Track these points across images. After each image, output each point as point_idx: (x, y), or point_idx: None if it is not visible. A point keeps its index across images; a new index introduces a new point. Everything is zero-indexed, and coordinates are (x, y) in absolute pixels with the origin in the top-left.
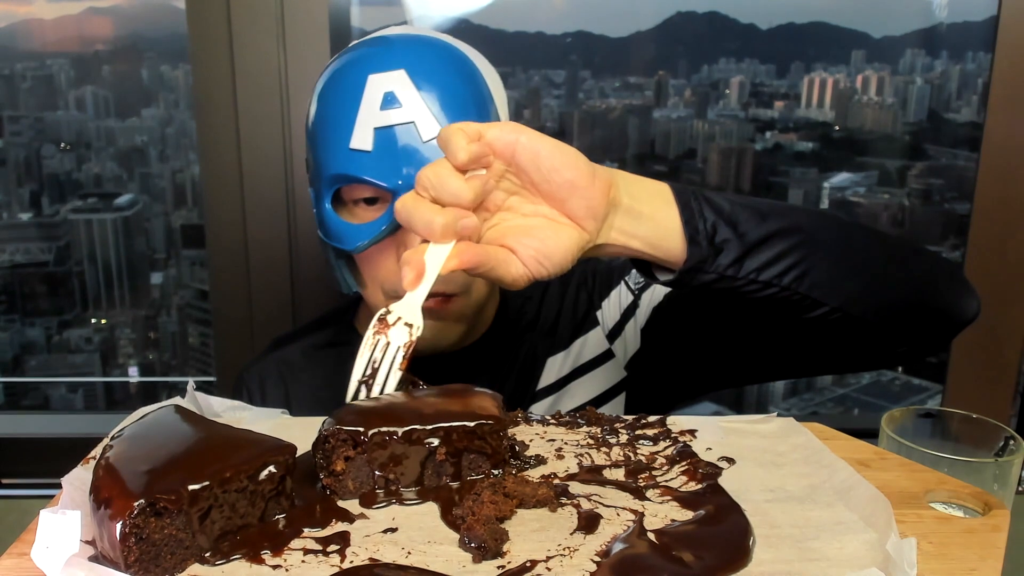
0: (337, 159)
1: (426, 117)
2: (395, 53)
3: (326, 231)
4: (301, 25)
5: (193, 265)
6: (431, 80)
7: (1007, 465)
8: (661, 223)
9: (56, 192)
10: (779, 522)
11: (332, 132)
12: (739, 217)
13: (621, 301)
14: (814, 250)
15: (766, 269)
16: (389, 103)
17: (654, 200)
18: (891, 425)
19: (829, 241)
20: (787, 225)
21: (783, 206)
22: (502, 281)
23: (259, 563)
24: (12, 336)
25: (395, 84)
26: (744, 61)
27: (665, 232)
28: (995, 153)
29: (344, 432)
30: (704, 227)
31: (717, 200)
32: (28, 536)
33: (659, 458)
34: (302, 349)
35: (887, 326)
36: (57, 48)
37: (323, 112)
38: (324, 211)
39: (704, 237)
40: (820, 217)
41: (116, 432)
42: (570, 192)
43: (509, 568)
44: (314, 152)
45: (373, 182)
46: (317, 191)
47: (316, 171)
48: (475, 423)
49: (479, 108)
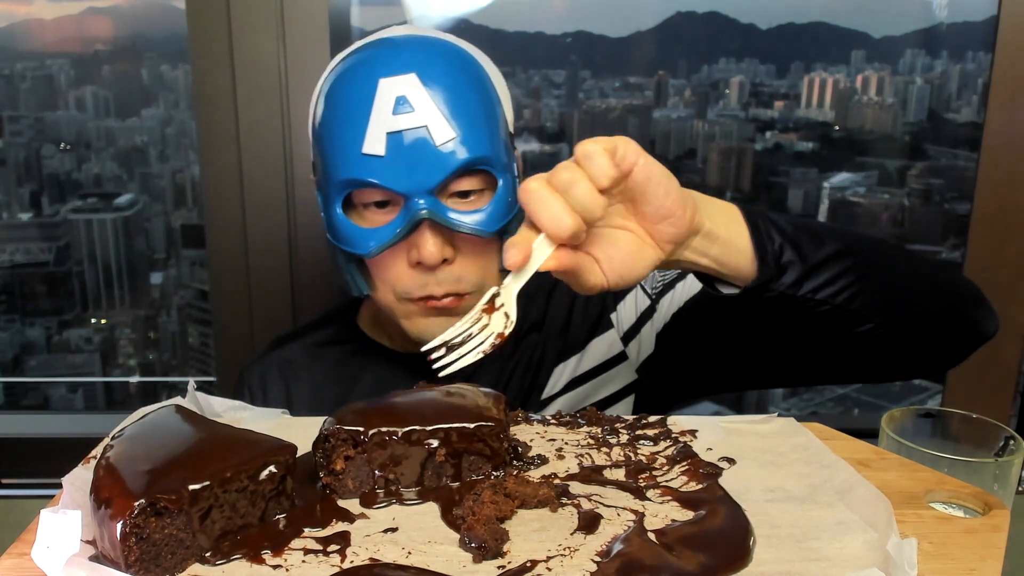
0: (349, 164)
1: (438, 121)
2: (404, 56)
3: (336, 235)
4: (301, 25)
5: (193, 265)
6: (441, 83)
7: (1007, 465)
8: (733, 244)
9: (56, 192)
10: (779, 522)
11: (343, 136)
12: (800, 239)
13: (638, 304)
14: (866, 272)
15: (823, 289)
16: (401, 107)
17: (729, 223)
18: (891, 425)
19: (879, 263)
20: (842, 248)
21: (836, 229)
22: (580, 287)
23: (259, 563)
24: (12, 336)
25: (406, 88)
26: (744, 61)
27: (736, 253)
28: (995, 153)
29: (344, 431)
30: (772, 248)
31: (780, 222)
32: (28, 536)
33: (659, 458)
34: (303, 347)
35: (919, 340)
36: (57, 48)
37: (332, 115)
38: (335, 215)
39: (772, 258)
40: (869, 240)
41: (117, 432)
42: (665, 217)
43: (509, 568)
44: (323, 155)
45: (387, 187)
46: (326, 195)
47: (325, 175)
48: (475, 425)
49: (488, 110)
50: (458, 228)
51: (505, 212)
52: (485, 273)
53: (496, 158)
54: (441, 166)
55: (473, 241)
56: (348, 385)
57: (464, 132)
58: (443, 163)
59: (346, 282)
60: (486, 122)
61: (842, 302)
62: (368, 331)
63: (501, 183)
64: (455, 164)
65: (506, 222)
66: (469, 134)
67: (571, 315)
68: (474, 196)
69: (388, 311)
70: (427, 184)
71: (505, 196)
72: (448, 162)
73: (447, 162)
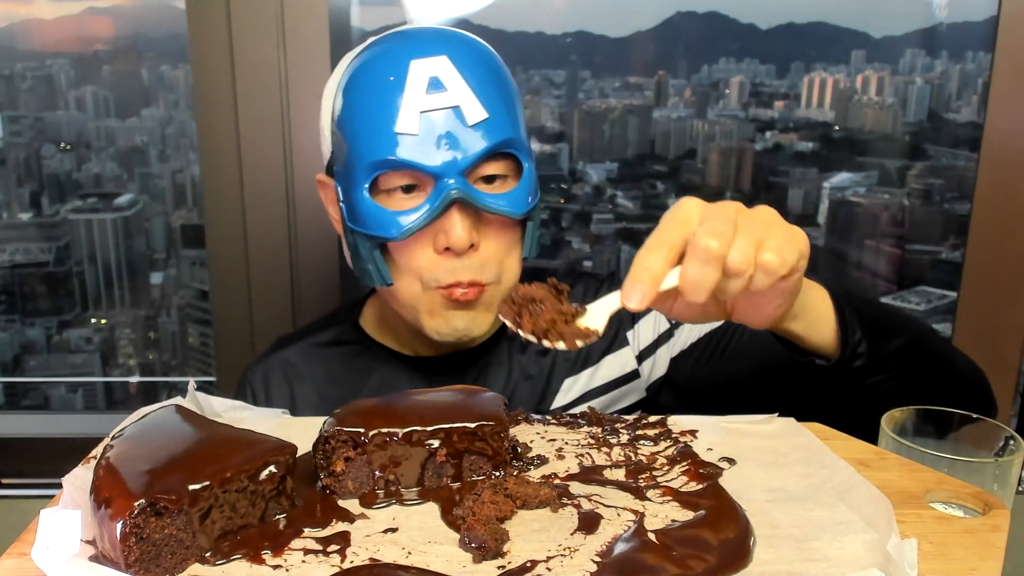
0: (382, 144)
1: (471, 101)
2: (433, 41)
3: (362, 220)
4: (301, 25)
5: (193, 265)
6: (471, 66)
7: (1007, 465)
8: (819, 327)
9: (56, 192)
10: (780, 522)
11: (373, 118)
12: (876, 333)
13: (657, 326)
14: (916, 363)
15: (877, 375)
16: (434, 87)
17: (819, 306)
18: (891, 425)
19: (925, 359)
20: (905, 343)
21: (902, 318)
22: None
23: (259, 563)
24: (12, 336)
25: (438, 68)
26: (744, 61)
27: (820, 335)
28: (995, 153)
29: (345, 433)
30: (853, 340)
31: (863, 310)
32: (28, 536)
33: (660, 458)
34: (306, 347)
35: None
36: (57, 48)
37: (359, 100)
38: (361, 199)
39: (850, 348)
40: (923, 330)
41: (117, 432)
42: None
43: (509, 568)
44: (349, 141)
45: (419, 165)
46: (348, 181)
47: (349, 161)
48: (476, 424)
49: (508, 102)
50: (489, 208)
51: (530, 197)
52: (506, 262)
53: (522, 143)
54: (473, 146)
55: (497, 228)
56: (353, 387)
57: (494, 114)
58: (475, 143)
59: (367, 272)
60: (513, 107)
61: (882, 382)
62: (372, 332)
63: (526, 167)
64: (486, 144)
65: (531, 207)
66: (499, 116)
67: None
68: (498, 182)
69: (408, 305)
70: (459, 164)
71: (529, 181)
72: (480, 142)
73: (479, 142)
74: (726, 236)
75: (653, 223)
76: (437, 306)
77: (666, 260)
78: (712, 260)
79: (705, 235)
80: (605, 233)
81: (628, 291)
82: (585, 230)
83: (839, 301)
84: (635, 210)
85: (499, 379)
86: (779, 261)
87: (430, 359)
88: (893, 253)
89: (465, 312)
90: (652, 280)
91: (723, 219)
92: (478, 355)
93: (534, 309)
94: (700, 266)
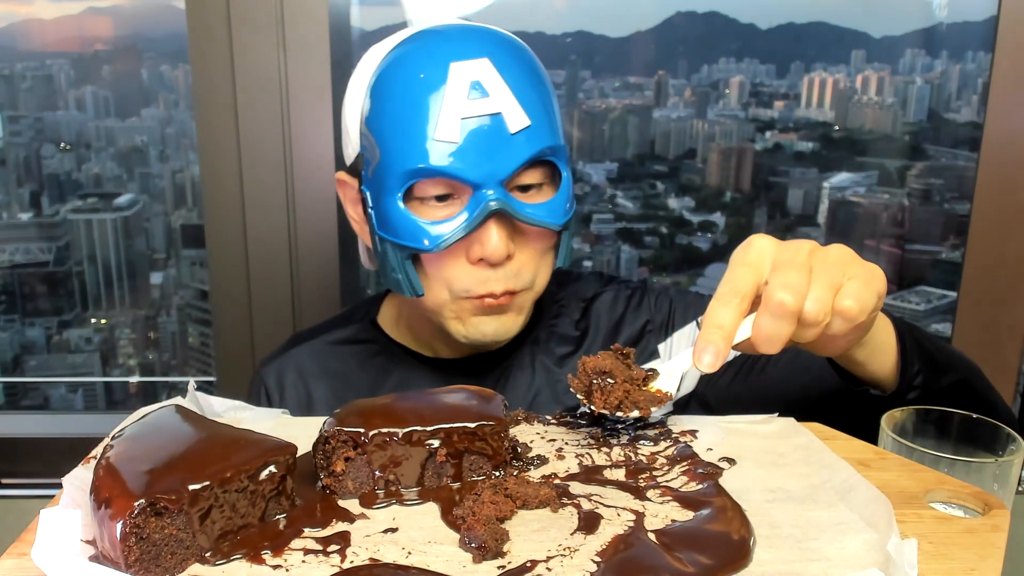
0: (418, 151)
1: (513, 107)
2: (474, 41)
3: (393, 229)
4: (301, 25)
5: (193, 265)
6: (513, 70)
7: (1007, 465)
8: (881, 356)
9: (56, 192)
10: (780, 522)
11: (410, 123)
12: (932, 367)
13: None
14: (963, 401)
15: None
16: (475, 92)
17: (882, 335)
18: (891, 425)
19: (973, 396)
20: (956, 380)
21: (956, 355)
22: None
23: (259, 563)
24: (12, 336)
25: (480, 72)
26: (744, 61)
27: (881, 365)
28: (995, 153)
29: (345, 433)
30: (911, 371)
31: (922, 345)
32: (28, 536)
33: (660, 458)
34: (322, 345)
35: None
36: (57, 48)
37: (394, 102)
38: (394, 208)
39: (908, 380)
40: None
41: (117, 432)
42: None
43: (509, 568)
44: (382, 145)
45: (458, 175)
46: (380, 187)
47: (382, 166)
48: (476, 424)
49: (548, 107)
50: (528, 220)
51: (568, 205)
52: (540, 268)
53: (563, 149)
54: (515, 155)
55: (532, 237)
56: (370, 387)
57: (536, 121)
58: (517, 152)
59: (397, 283)
60: (553, 112)
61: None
62: (391, 332)
63: (565, 176)
64: (528, 153)
65: (569, 217)
66: (540, 123)
67: (615, 338)
68: (533, 190)
69: (434, 311)
70: (499, 174)
71: (567, 189)
72: (521, 151)
73: (520, 151)
74: (801, 288)
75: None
76: (465, 312)
77: (738, 312)
78: (787, 315)
79: (779, 289)
80: (605, 233)
81: (700, 352)
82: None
83: (901, 331)
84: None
85: (522, 383)
86: (858, 308)
87: (450, 361)
88: (893, 253)
89: (495, 318)
90: (725, 339)
91: (796, 266)
92: (500, 357)
93: (603, 383)
94: (774, 321)
